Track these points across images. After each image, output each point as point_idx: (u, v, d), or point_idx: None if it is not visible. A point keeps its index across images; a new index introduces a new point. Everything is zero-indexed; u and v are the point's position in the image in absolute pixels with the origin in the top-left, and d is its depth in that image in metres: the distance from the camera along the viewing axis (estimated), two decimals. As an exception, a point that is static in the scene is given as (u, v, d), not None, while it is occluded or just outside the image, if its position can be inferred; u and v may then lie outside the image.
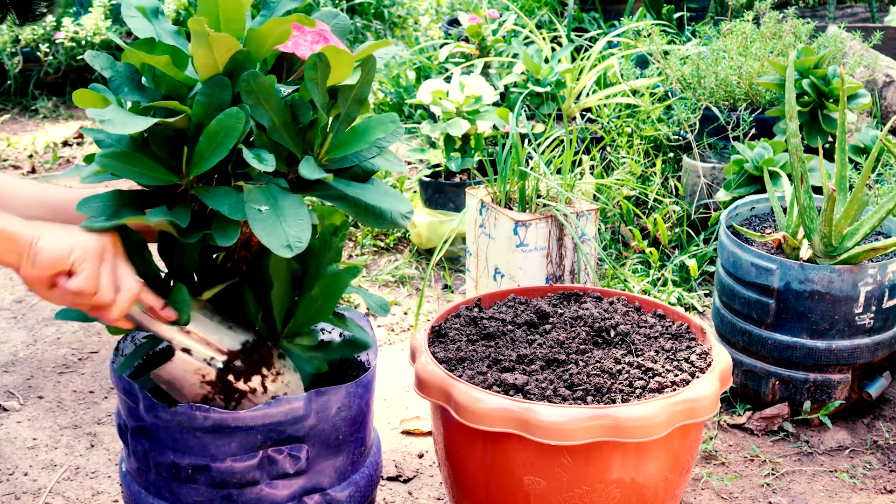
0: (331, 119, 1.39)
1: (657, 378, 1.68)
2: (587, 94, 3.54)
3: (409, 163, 3.75)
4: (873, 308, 2.19)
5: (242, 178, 1.36)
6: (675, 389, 1.66)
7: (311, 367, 1.55)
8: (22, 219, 1.34)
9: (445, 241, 2.68)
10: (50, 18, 4.59)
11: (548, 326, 1.86)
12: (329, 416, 1.50)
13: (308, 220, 1.30)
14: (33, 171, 3.90)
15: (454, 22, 4.70)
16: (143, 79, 1.38)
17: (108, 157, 1.31)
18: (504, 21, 3.97)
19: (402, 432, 2.29)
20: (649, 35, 3.42)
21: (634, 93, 3.42)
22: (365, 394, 1.56)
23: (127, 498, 1.58)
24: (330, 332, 1.71)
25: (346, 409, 1.52)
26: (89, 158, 1.38)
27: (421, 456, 2.20)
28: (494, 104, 3.32)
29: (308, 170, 1.32)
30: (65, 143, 4.16)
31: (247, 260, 1.50)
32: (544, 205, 2.52)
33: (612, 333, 1.83)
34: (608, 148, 3.32)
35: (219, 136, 1.30)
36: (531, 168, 2.57)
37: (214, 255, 1.51)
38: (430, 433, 2.26)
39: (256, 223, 1.28)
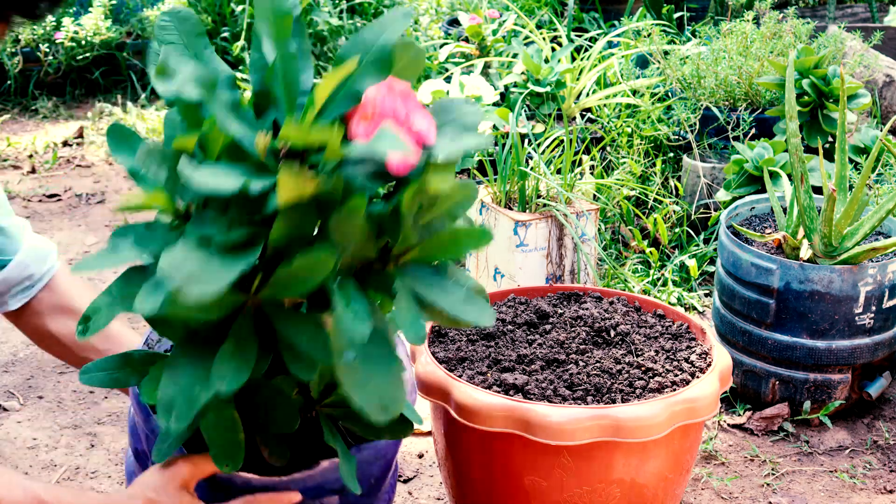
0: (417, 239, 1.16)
1: (657, 378, 1.68)
2: (587, 94, 3.54)
3: (409, 163, 3.74)
4: (873, 308, 2.19)
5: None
6: (675, 389, 1.66)
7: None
8: None
9: (445, 241, 2.68)
10: (50, 18, 4.59)
11: (548, 326, 1.86)
12: (366, 468, 1.38)
13: (401, 377, 1.09)
14: (33, 170, 3.90)
15: (454, 22, 4.70)
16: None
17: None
18: (504, 21, 3.97)
19: (402, 432, 2.29)
20: (649, 35, 3.42)
21: (634, 93, 3.42)
22: (398, 443, 1.45)
23: None
24: None
25: (381, 459, 1.41)
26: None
27: (421, 456, 2.20)
28: (494, 104, 3.32)
29: (403, 298, 1.11)
30: (65, 143, 4.16)
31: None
32: (544, 205, 2.52)
33: (612, 333, 1.83)
34: (608, 148, 3.32)
35: (304, 272, 1.08)
36: (531, 168, 2.58)
37: None
38: (430, 433, 2.26)
39: (344, 375, 1.07)
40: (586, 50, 3.79)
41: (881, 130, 2.80)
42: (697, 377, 1.70)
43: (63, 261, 1.70)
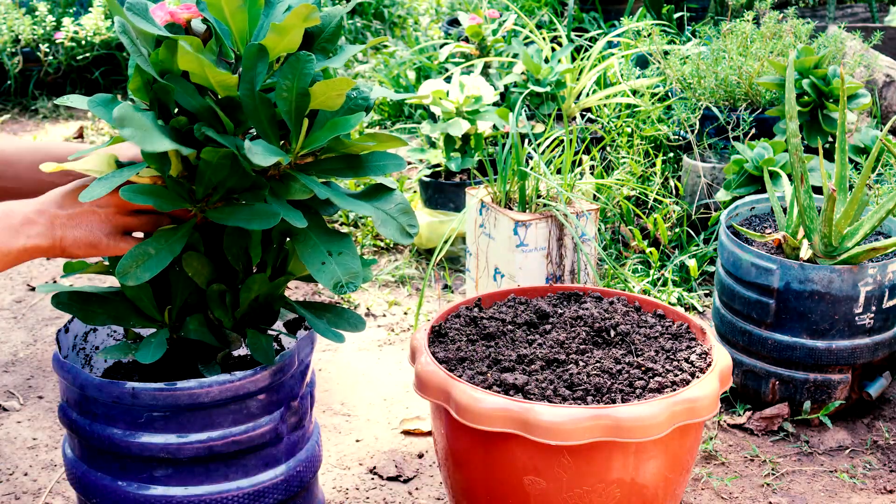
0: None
1: (657, 378, 1.68)
2: (587, 94, 3.54)
3: (410, 163, 3.75)
4: (873, 308, 2.19)
5: None
6: (675, 389, 1.66)
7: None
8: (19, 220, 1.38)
9: (445, 242, 2.68)
10: (50, 18, 4.59)
11: (548, 326, 1.86)
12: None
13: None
14: (33, 171, 3.90)
15: (454, 22, 4.70)
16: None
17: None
18: (504, 21, 3.97)
19: (402, 432, 2.29)
20: (649, 35, 3.42)
21: (634, 93, 3.42)
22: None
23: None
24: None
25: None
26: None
27: (421, 456, 2.20)
28: (494, 104, 3.32)
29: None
30: (65, 143, 4.17)
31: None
32: (544, 205, 2.52)
33: (612, 333, 1.83)
34: (608, 148, 3.32)
35: None
36: (531, 168, 2.58)
37: None
38: (430, 433, 2.26)
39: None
40: (586, 50, 3.80)
41: (881, 130, 2.80)
42: (697, 377, 1.70)
43: None
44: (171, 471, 1.48)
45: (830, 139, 2.94)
